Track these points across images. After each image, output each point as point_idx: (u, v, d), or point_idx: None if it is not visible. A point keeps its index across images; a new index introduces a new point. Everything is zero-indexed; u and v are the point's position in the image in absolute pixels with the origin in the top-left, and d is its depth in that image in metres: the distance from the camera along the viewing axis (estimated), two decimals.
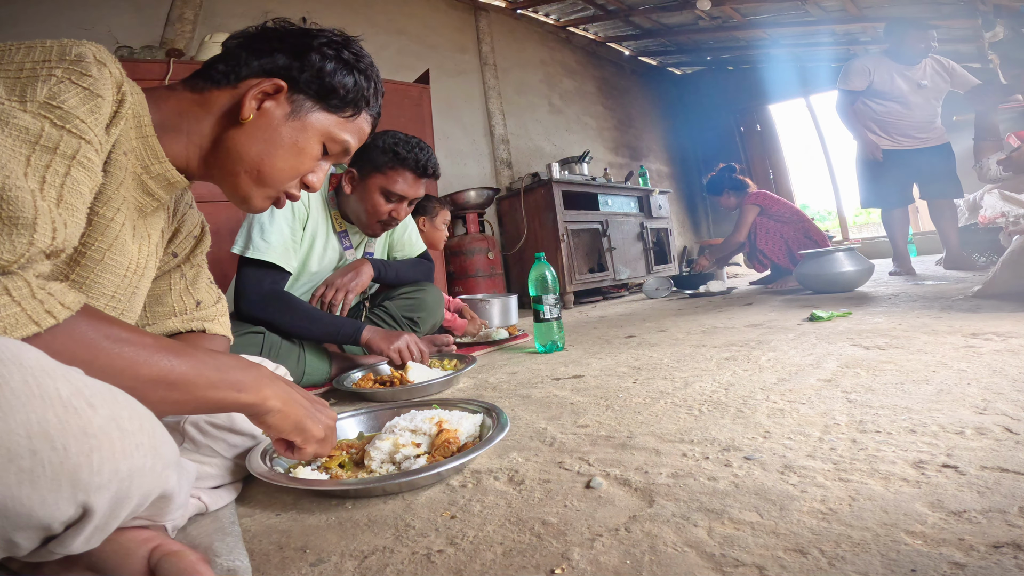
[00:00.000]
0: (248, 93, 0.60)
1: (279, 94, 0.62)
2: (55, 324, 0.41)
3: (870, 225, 9.16)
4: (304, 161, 0.65)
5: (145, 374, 0.46)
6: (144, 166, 0.59)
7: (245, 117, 0.60)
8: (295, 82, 0.63)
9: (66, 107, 0.44)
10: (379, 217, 1.43)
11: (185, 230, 0.74)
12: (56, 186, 0.43)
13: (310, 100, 0.64)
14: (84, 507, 0.35)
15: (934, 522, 0.47)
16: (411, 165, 1.39)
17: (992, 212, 2.86)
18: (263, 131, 0.62)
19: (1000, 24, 3.34)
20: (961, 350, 1.07)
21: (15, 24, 2.35)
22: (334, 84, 0.64)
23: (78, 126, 0.45)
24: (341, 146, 0.68)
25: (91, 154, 0.46)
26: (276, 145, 0.63)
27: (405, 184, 1.40)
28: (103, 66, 0.49)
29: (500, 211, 4.04)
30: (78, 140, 0.45)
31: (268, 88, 0.61)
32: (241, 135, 0.61)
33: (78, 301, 0.43)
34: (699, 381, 1.09)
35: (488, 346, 1.98)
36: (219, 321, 0.77)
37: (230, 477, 0.73)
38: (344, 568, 0.52)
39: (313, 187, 0.69)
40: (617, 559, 0.48)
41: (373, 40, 3.57)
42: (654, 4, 4.70)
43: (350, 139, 0.69)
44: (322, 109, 0.65)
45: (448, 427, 0.79)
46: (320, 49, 0.64)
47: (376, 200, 1.41)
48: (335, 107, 0.66)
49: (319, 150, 0.67)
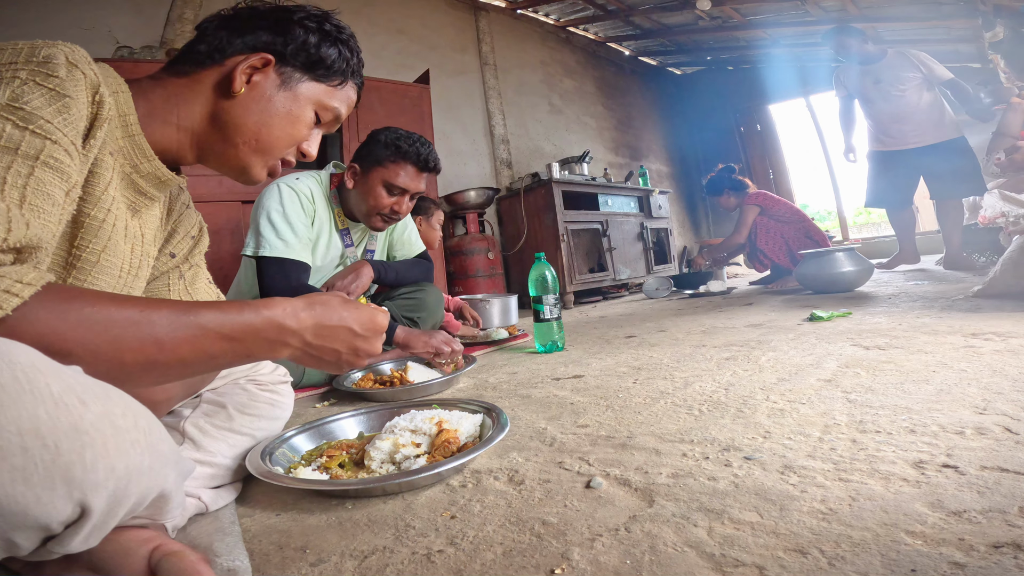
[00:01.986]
0: (237, 67, 0.62)
1: (267, 67, 0.64)
2: (20, 303, 0.38)
3: (870, 225, 9.16)
4: (299, 129, 0.67)
5: (131, 336, 0.43)
6: (133, 165, 0.59)
7: (236, 90, 0.61)
8: (281, 55, 0.65)
9: (29, 108, 0.43)
10: (381, 210, 1.44)
11: (182, 230, 0.74)
12: (19, 187, 0.42)
13: (298, 71, 0.66)
14: (82, 506, 0.35)
15: (934, 522, 0.47)
16: (413, 159, 1.41)
17: (992, 212, 2.85)
18: (256, 102, 0.63)
19: (1000, 24, 3.34)
20: (961, 350, 1.07)
21: (16, 24, 2.35)
22: (320, 55, 0.66)
23: (43, 127, 0.44)
24: (332, 113, 0.70)
25: (59, 154, 0.45)
26: (271, 114, 0.64)
27: (407, 177, 1.42)
28: (74, 68, 0.48)
29: (500, 211, 4.04)
30: (43, 140, 0.44)
31: (256, 62, 0.63)
32: (236, 107, 0.62)
33: (40, 278, 0.41)
34: (699, 381, 1.09)
35: (488, 346, 1.98)
36: None
37: (230, 477, 0.73)
38: (344, 568, 0.52)
39: (309, 155, 0.71)
40: (617, 559, 0.48)
41: (373, 40, 3.57)
42: (654, 4, 4.69)
43: (339, 106, 0.71)
44: (311, 79, 0.67)
45: (448, 427, 0.79)
46: (302, 23, 0.66)
47: (379, 193, 1.42)
48: (322, 76, 0.68)
49: (312, 118, 0.68)
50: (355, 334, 0.56)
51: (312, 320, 0.53)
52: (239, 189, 2.23)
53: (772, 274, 3.32)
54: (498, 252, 3.52)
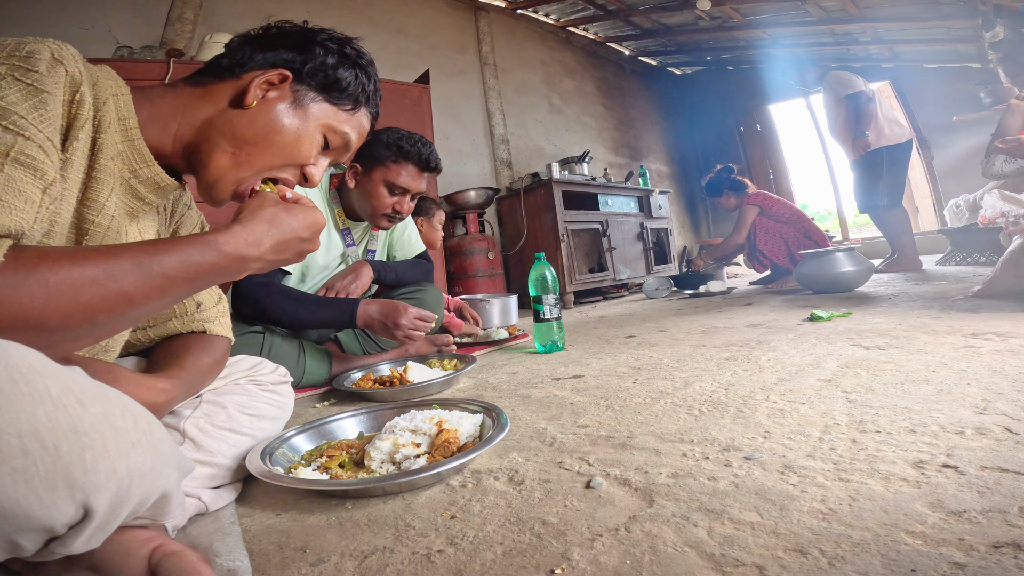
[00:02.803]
0: (253, 81, 0.61)
1: (284, 84, 0.64)
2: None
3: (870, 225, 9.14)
4: (304, 148, 0.66)
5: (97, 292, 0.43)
6: (132, 170, 0.58)
7: (249, 103, 0.61)
8: (299, 73, 0.64)
9: (3, 103, 0.43)
10: (383, 210, 1.45)
11: (184, 231, 0.74)
12: None
13: (312, 91, 0.66)
14: (85, 507, 0.35)
15: (934, 522, 0.47)
16: (414, 158, 1.42)
17: (992, 212, 2.85)
18: (264, 116, 0.63)
19: (1000, 24, 3.34)
20: (961, 350, 1.07)
21: (16, 24, 2.35)
22: (337, 76, 0.66)
23: (16, 122, 0.43)
24: (342, 138, 0.69)
25: (31, 151, 0.44)
26: (275, 130, 0.63)
27: (408, 177, 1.43)
28: (57, 64, 0.48)
29: (500, 211, 4.04)
30: (15, 137, 0.43)
31: (274, 78, 0.63)
32: (242, 118, 0.62)
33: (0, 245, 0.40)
34: (699, 381, 1.09)
35: (488, 346, 1.98)
36: (220, 322, 0.77)
37: (230, 477, 0.73)
38: (344, 568, 0.52)
39: (312, 179, 0.69)
40: (617, 559, 0.48)
41: (373, 40, 3.57)
42: (654, 4, 4.69)
43: (350, 132, 0.70)
44: (324, 100, 0.67)
45: (448, 427, 0.79)
46: (324, 44, 0.66)
47: (380, 193, 1.43)
48: (336, 99, 0.67)
49: (320, 140, 0.68)
50: (303, 240, 0.59)
51: (271, 241, 0.56)
52: None
53: (772, 274, 3.32)
54: (498, 252, 3.52)
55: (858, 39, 4.83)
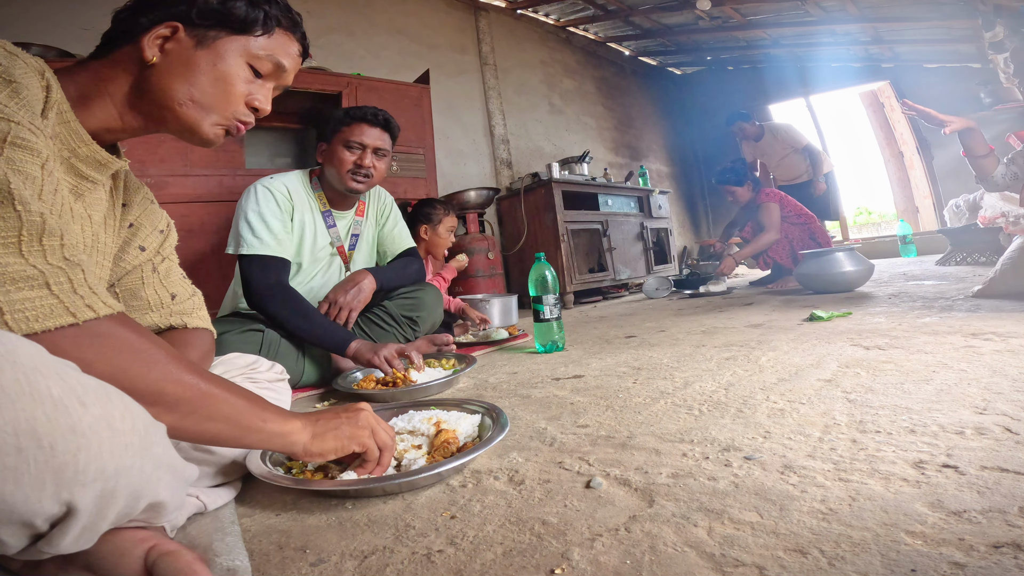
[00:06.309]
0: (143, 39, 0.63)
1: (177, 34, 0.64)
2: (94, 318, 0.45)
3: (870, 225, 9.15)
4: (234, 84, 0.67)
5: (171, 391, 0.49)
6: (71, 150, 0.60)
7: (149, 59, 0.62)
8: (188, 19, 0.65)
9: None
10: (347, 167, 1.52)
11: (149, 225, 0.76)
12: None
13: (212, 30, 0.66)
14: (68, 505, 0.36)
15: (934, 522, 0.47)
16: (362, 117, 1.54)
17: (992, 212, 2.85)
18: (176, 66, 0.64)
19: (1000, 24, 3.34)
20: (961, 350, 1.07)
21: (17, 23, 2.35)
22: (227, 10, 0.66)
23: (2, 111, 0.46)
24: (269, 62, 0.70)
25: (24, 134, 0.47)
26: (197, 73, 0.65)
27: (360, 132, 1.53)
28: (14, 56, 0.50)
29: (500, 211, 4.04)
30: (7, 123, 0.46)
31: (164, 32, 0.64)
32: (156, 74, 0.63)
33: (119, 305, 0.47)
34: (699, 381, 1.09)
35: (488, 346, 1.98)
36: (197, 315, 0.79)
37: (230, 476, 0.73)
38: (344, 568, 0.52)
39: (262, 108, 0.71)
40: (617, 559, 0.48)
41: (373, 40, 3.57)
42: (654, 4, 4.69)
43: (275, 55, 0.70)
44: (228, 34, 0.67)
45: (446, 427, 0.79)
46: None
47: (340, 152, 1.53)
48: (239, 30, 0.68)
49: (248, 72, 0.69)
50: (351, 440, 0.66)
51: (329, 448, 0.64)
52: (218, 190, 2.24)
53: (772, 274, 3.32)
54: (498, 252, 3.52)
55: (858, 39, 4.83)
